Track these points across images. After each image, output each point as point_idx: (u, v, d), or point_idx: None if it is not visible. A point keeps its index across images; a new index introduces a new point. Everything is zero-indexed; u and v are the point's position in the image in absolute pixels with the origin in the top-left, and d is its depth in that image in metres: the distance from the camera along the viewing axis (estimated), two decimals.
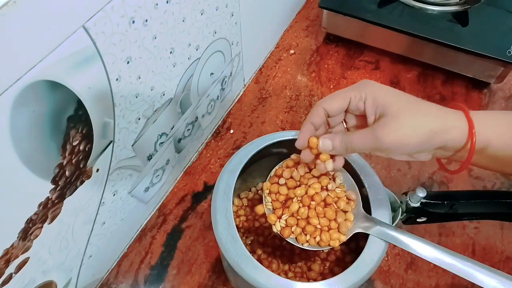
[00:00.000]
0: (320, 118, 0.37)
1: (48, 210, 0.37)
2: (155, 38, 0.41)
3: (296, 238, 0.40)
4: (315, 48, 0.79)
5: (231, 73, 0.64)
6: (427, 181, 0.61)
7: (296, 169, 0.41)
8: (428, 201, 0.43)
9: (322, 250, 0.48)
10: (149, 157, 0.50)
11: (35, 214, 0.35)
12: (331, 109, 0.36)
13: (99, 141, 0.39)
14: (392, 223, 0.41)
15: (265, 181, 0.42)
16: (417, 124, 0.33)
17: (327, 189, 0.40)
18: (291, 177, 0.41)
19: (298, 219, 0.39)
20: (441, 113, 0.34)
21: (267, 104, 0.71)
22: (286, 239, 0.40)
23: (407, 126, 0.33)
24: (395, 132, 0.33)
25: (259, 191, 0.55)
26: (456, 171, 0.37)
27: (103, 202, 0.45)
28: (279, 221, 0.40)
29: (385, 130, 0.33)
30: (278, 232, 0.40)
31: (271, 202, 0.41)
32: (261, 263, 0.38)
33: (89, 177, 0.40)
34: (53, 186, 0.36)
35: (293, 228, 0.39)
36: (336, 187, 0.41)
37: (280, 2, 0.74)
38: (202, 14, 0.48)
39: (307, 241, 0.39)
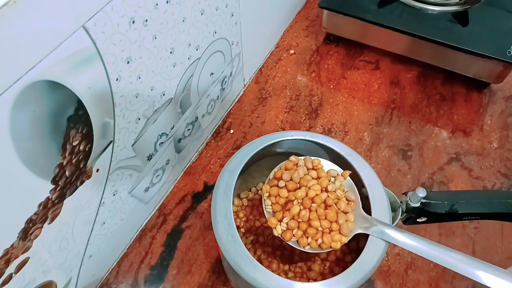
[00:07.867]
0: None
1: (48, 210, 0.37)
2: (155, 38, 0.41)
3: (297, 241, 0.39)
4: (315, 48, 0.79)
5: (231, 73, 0.64)
6: (427, 181, 0.61)
7: (296, 170, 0.41)
8: (428, 201, 0.42)
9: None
10: (149, 157, 0.50)
11: (35, 214, 0.35)
12: None
13: (99, 141, 0.39)
14: (392, 223, 0.41)
15: (264, 183, 0.42)
16: None
17: (326, 191, 0.40)
18: (291, 179, 0.40)
19: (299, 222, 0.39)
20: None
21: (267, 104, 0.71)
22: (288, 243, 0.39)
23: None
24: None
25: (259, 191, 0.54)
26: None
27: (103, 202, 0.45)
28: (280, 224, 0.39)
29: None
30: (280, 236, 0.40)
31: (271, 205, 0.41)
32: (261, 263, 0.38)
33: (89, 177, 0.40)
34: (53, 186, 0.36)
35: (294, 231, 0.39)
36: (336, 188, 0.40)
37: (280, 2, 0.74)
38: (202, 14, 0.48)
39: (308, 244, 0.39)
